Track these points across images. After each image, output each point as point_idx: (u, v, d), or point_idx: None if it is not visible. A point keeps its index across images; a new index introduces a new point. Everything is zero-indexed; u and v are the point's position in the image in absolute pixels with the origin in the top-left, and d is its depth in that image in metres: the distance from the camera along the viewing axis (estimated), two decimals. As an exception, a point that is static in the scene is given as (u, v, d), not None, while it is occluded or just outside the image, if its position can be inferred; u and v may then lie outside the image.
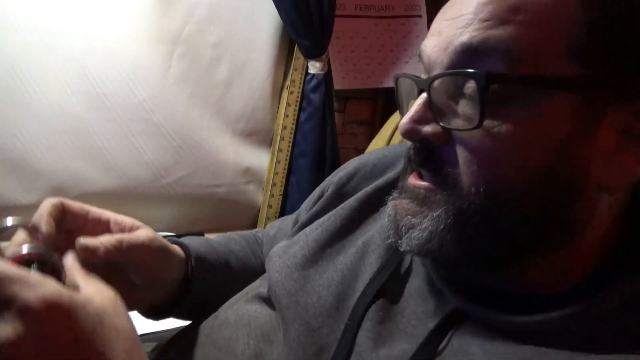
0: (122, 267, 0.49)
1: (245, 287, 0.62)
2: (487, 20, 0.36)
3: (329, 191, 0.58)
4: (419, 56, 0.41)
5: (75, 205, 0.46)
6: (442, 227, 0.38)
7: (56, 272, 0.39)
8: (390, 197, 0.44)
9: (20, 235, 0.41)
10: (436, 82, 0.38)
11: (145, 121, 1.33)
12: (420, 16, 1.70)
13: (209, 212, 1.50)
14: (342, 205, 0.54)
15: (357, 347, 0.42)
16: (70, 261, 0.40)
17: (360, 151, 1.76)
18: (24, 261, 0.37)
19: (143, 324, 0.88)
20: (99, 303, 0.36)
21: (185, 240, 0.61)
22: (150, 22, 1.28)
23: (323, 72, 1.48)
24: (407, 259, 0.47)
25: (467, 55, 0.37)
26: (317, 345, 0.44)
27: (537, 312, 0.36)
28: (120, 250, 0.44)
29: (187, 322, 0.69)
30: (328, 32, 1.44)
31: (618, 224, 0.39)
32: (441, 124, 0.38)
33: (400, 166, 0.55)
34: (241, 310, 0.55)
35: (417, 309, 0.42)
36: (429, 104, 0.39)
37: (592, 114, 0.35)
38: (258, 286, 0.57)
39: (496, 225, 0.37)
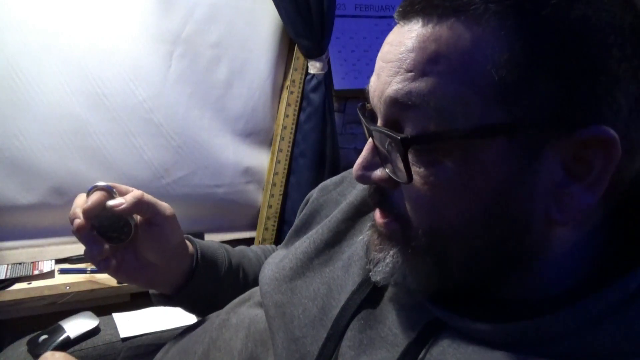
0: (138, 246, 0.58)
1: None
2: (409, 72, 0.35)
3: (314, 196, 0.61)
4: (366, 91, 0.42)
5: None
6: (400, 262, 0.40)
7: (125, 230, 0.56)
8: (369, 224, 0.46)
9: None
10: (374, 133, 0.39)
11: (145, 121, 1.33)
12: (420, 16, 1.70)
13: (209, 212, 1.50)
14: (330, 217, 0.56)
15: (339, 357, 0.43)
16: None
17: (360, 151, 1.76)
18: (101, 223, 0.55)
19: (144, 324, 0.88)
20: None
21: (194, 239, 0.64)
22: (150, 22, 1.28)
23: (323, 72, 1.48)
24: None
25: (395, 109, 0.37)
26: (300, 352, 0.45)
27: (515, 320, 0.35)
28: (141, 202, 0.55)
29: (193, 319, 0.71)
30: (328, 32, 1.44)
31: (601, 232, 0.38)
32: (386, 170, 0.39)
33: None
34: (243, 314, 0.56)
35: (399, 317, 0.43)
36: (374, 149, 0.40)
37: (527, 153, 0.34)
38: (258, 295, 0.58)
39: (446, 263, 0.38)
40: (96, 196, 0.53)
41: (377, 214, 0.42)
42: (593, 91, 0.32)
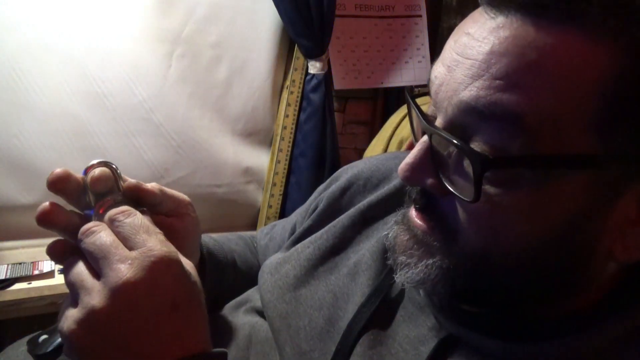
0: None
1: (248, 285, 0.62)
2: (498, 79, 0.30)
3: (322, 206, 0.58)
4: (428, 80, 0.37)
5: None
6: (434, 276, 0.36)
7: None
8: (394, 220, 0.42)
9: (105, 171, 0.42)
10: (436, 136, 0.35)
11: (145, 121, 1.32)
12: (420, 16, 1.70)
13: (209, 212, 1.50)
14: (334, 222, 0.53)
15: None
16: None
17: (360, 151, 1.76)
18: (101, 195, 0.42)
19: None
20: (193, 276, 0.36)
21: None
22: (150, 22, 1.28)
23: (323, 72, 1.48)
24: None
25: (469, 117, 0.32)
26: None
27: (533, 340, 0.34)
28: (164, 192, 0.46)
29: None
30: (328, 32, 1.44)
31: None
32: (442, 178, 0.35)
33: (393, 180, 0.54)
34: (242, 320, 0.54)
35: (410, 333, 0.41)
36: (430, 151, 0.35)
37: (609, 188, 0.31)
38: (255, 299, 0.57)
39: (486, 283, 0.36)
40: (102, 171, 0.43)
41: (415, 214, 0.38)
42: None
